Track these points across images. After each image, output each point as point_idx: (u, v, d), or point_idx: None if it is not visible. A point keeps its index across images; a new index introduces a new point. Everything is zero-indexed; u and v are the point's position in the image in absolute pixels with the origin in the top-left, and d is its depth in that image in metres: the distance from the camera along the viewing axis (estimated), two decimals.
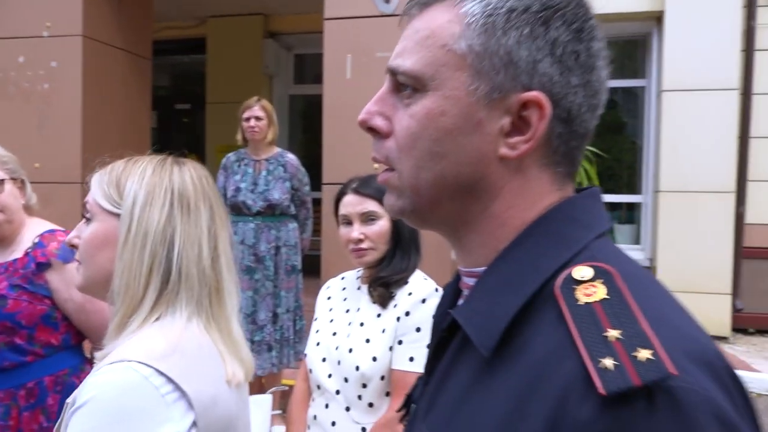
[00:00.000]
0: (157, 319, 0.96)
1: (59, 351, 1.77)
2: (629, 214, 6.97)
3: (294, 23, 7.45)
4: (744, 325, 6.09)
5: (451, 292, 0.71)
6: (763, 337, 6.08)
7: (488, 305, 0.58)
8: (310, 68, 8.14)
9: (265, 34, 7.50)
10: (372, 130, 0.63)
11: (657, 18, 6.26)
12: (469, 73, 0.58)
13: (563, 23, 0.57)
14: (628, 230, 6.81)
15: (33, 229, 1.84)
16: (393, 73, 0.62)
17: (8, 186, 1.79)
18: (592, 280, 0.52)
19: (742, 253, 6.02)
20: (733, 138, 5.82)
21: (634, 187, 6.93)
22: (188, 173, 1.04)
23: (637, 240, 6.67)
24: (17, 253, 1.79)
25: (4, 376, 1.70)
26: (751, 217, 6.04)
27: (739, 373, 0.51)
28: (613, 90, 7.08)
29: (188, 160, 1.09)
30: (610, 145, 7.28)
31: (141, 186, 1.00)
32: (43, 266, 1.74)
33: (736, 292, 5.98)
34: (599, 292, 0.51)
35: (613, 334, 0.47)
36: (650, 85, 6.49)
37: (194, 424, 0.88)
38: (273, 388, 1.19)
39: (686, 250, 5.85)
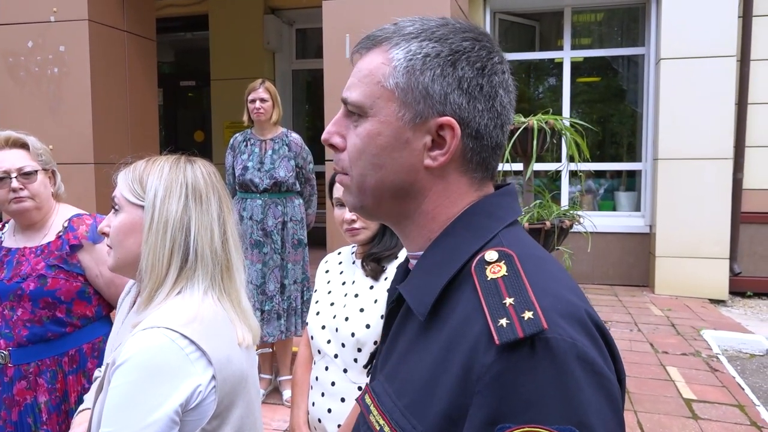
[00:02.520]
0: (178, 292, 1.15)
1: (93, 321, 1.98)
2: (630, 181, 7.06)
3: None
4: (741, 288, 6.23)
5: (402, 271, 0.89)
6: (760, 299, 6.22)
7: (423, 282, 0.76)
8: (311, 43, 8.19)
9: (266, 10, 7.55)
10: (332, 146, 0.81)
11: None
12: (398, 104, 0.74)
13: (467, 63, 0.73)
14: (628, 197, 6.90)
15: (61, 214, 2.02)
16: (344, 102, 0.78)
17: (40, 176, 1.95)
18: (497, 261, 0.69)
19: (739, 218, 6.12)
20: (731, 105, 5.87)
21: (634, 155, 7.00)
22: (199, 170, 1.23)
23: (637, 207, 6.77)
24: (49, 236, 1.96)
25: (49, 346, 1.90)
26: (748, 182, 6.13)
27: (604, 326, 0.69)
28: (613, 58, 7.12)
29: (198, 158, 1.28)
30: (611, 113, 7.34)
31: (161, 182, 1.19)
32: (75, 248, 1.93)
33: (733, 257, 6.11)
34: (502, 270, 0.68)
35: (508, 301, 0.64)
36: (649, 53, 6.52)
37: (213, 377, 1.08)
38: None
39: (685, 216, 5.96)
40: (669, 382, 3.79)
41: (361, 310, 1.65)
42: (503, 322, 0.62)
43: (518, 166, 3.64)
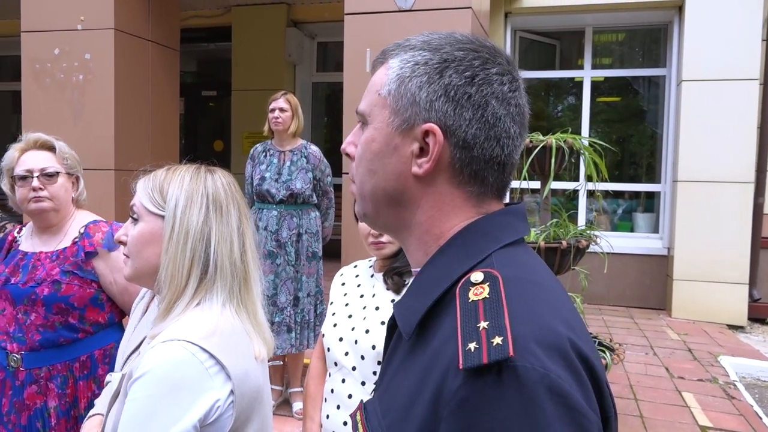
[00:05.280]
0: (197, 304, 1.14)
1: (105, 328, 1.98)
2: (648, 202, 6.99)
3: (317, 12, 7.56)
4: (761, 314, 6.11)
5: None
6: None
7: (413, 301, 0.75)
8: (332, 56, 8.26)
9: (288, 23, 7.63)
10: (348, 155, 0.83)
11: (678, 7, 6.24)
12: (389, 111, 0.76)
13: (455, 72, 0.73)
14: (646, 219, 6.83)
15: (78, 220, 2.03)
16: (356, 113, 0.81)
17: (62, 179, 1.98)
18: (482, 282, 0.67)
19: (760, 243, 6.03)
20: (753, 128, 5.80)
21: (653, 176, 6.94)
22: (219, 180, 1.23)
23: (655, 229, 6.70)
24: (65, 242, 1.98)
25: (60, 351, 1.91)
26: None
27: (593, 358, 0.64)
28: (634, 79, 7.09)
29: (218, 168, 1.27)
30: (631, 133, 7.30)
31: (181, 191, 1.18)
32: (91, 254, 1.94)
33: (753, 282, 6.01)
34: (484, 292, 0.65)
35: (483, 324, 0.62)
36: (670, 75, 6.48)
37: (232, 392, 1.07)
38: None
39: (704, 239, 5.88)
40: (684, 408, 3.72)
41: (382, 323, 1.64)
42: (472, 346, 0.60)
43: (536, 185, 3.62)
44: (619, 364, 4.23)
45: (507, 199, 0.82)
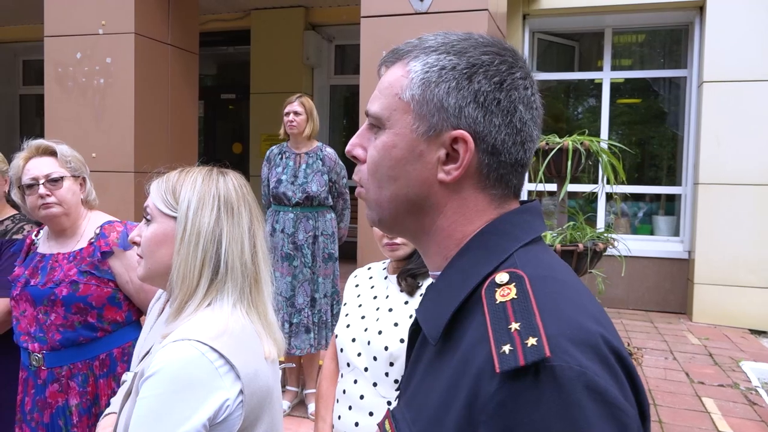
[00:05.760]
0: (208, 304, 1.16)
1: (123, 326, 2.02)
2: (669, 205, 6.91)
3: (335, 15, 7.59)
4: None
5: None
6: None
7: (436, 305, 0.74)
8: (350, 59, 8.29)
9: (306, 26, 7.67)
10: (354, 158, 0.80)
11: (699, 8, 6.17)
12: (413, 116, 0.73)
13: (485, 77, 0.72)
14: (667, 222, 6.75)
15: (93, 220, 2.07)
16: (367, 114, 0.79)
17: (67, 183, 2.00)
18: (508, 283, 0.66)
19: None
20: None
21: (674, 179, 6.86)
22: (231, 182, 1.24)
23: (676, 232, 6.62)
24: (81, 243, 2.01)
25: (80, 350, 1.95)
26: None
27: (624, 353, 0.63)
28: (654, 80, 7.01)
29: (230, 170, 1.29)
30: (651, 135, 7.22)
31: (193, 193, 1.20)
32: (107, 254, 1.97)
33: None
34: (512, 293, 0.65)
35: (514, 326, 0.61)
36: (691, 76, 6.40)
37: (241, 392, 1.08)
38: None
39: (726, 242, 5.80)
40: (704, 414, 3.67)
41: (396, 324, 1.65)
42: (506, 348, 0.59)
43: (553, 187, 3.60)
44: (638, 368, 4.18)
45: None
